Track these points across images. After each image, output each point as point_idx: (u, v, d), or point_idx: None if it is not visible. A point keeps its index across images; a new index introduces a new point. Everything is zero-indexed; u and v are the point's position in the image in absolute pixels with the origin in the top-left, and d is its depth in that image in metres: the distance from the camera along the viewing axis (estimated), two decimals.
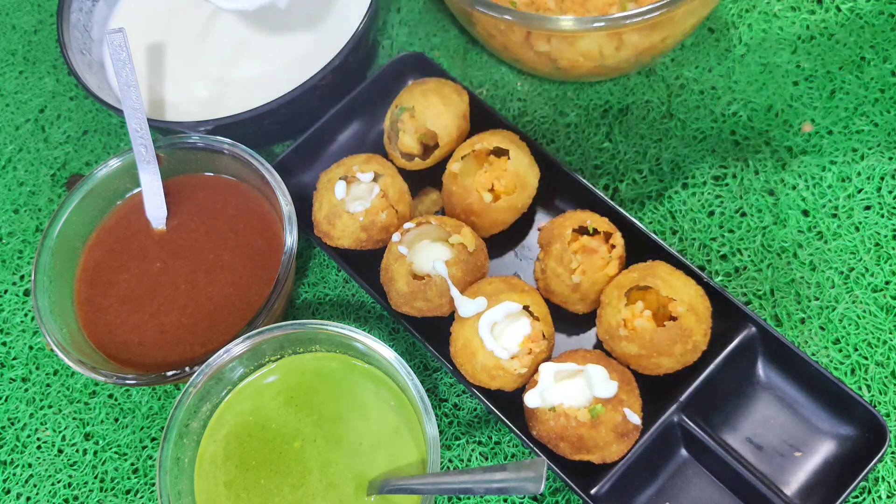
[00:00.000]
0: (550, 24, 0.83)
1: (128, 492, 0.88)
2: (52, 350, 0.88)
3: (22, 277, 1.01)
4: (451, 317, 0.82)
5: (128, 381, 0.81)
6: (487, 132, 0.90)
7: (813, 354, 0.85)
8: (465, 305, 0.79)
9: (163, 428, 0.87)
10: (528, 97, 1.03)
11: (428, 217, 0.85)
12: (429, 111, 0.90)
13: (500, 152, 0.88)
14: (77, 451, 0.90)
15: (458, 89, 0.94)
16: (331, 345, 0.81)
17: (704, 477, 0.80)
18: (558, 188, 0.92)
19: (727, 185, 0.94)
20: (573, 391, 0.76)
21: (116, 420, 0.91)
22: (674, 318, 0.77)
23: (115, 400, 0.92)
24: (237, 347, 0.79)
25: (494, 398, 0.81)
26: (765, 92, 0.99)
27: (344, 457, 0.77)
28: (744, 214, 0.93)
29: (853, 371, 0.84)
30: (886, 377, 0.84)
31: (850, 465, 0.77)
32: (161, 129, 0.95)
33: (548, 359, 0.80)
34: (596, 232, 0.83)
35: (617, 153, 0.98)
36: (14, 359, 0.96)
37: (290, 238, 0.85)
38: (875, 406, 0.82)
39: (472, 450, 0.86)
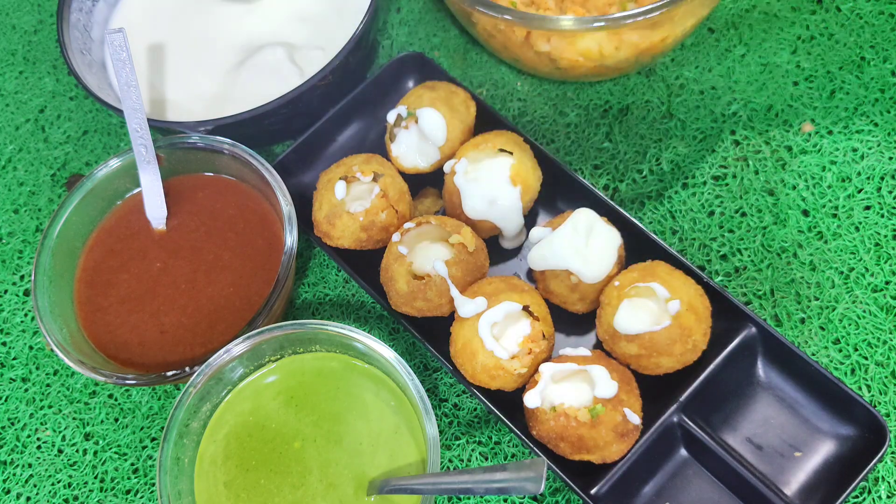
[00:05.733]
0: (550, 24, 0.83)
1: (128, 492, 0.88)
2: (52, 350, 0.88)
3: (22, 277, 1.01)
4: (451, 317, 0.82)
5: (128, 381, 0.81)
6: (492, 133, 0.90)
7: (813, 354, 0.85)
8: (465, 305, 0.79)
9: (163, 428, 0.87)
10: (528, 97, 1.03)
11: (428, 217, 0.85)
12: (434, 122, 0.90)
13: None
14: (77, 451, 0.90)
15: (467, 99, 0.93)
16: (331, 345, 0.81)
17: (704, 477, 0.80)
18: (559, 188, 0.92)
19: (727, 185, 0.94)
20: (573, 391, 0.76)
21: (116, 420, 0.91)
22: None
23: (115, 400, 0.92)
24: (237, 347, 0.79)
25: (494, 398, 0.81)
26: (765, 92, 0.99)
27: (344, 457, 0.77)
28: (744, 214, 0.93)
29: (853, 371, 0.84)
30: (886, 377, 0.84)
31: (850, 465, 0.77)
32: (161, 129, 0.95)
33: (548, 359, 0.80)
34: None
35: (617, 153, 0.98)
36: (14, 359, 0.96)
37: (290, 238, 0.85)
38: (875, 406, 0.82)
39: (472, 450, 0.86)
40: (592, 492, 0.77)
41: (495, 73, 1.05)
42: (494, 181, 0.85)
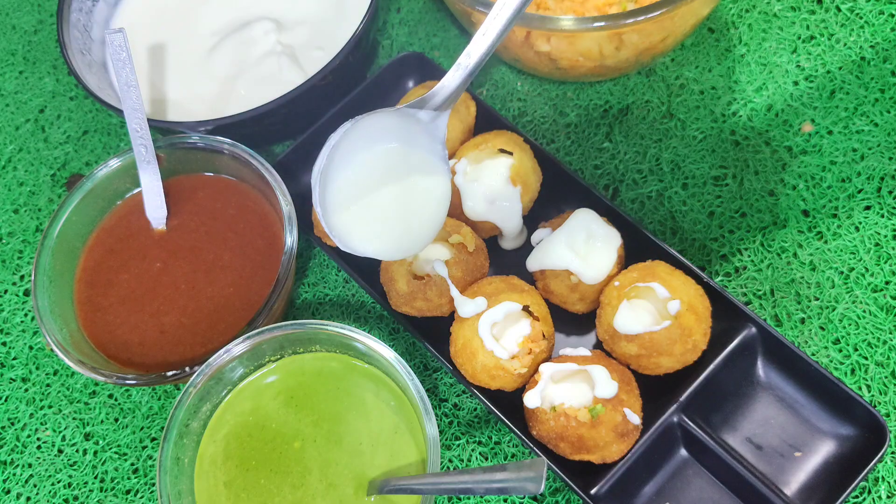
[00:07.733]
0: (550, 24, 0.83)
1: (128, 492, 0.88)
2: (52, 350, 0.88)
3: (22, 277, 1.01)
4: (451, 317, 0.82)
5: (128, 381, 0.81)
6: (492, 133, 0.90)
7: (813, 354, 0.85)
8: (465, 305, 0.79)
9: (163, 428, 0.87)
10: (528, 97, 1.03)
11: None
12: None
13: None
14: (77, 451, 0.90)
15: (467, 99, 0.93)
16: (331, 345, 0.81)
17: (704, 477, 0.80)
18: (559, 188, 0.92)
19: (727, 185, 0.94)
20: (573, 391, 0.76)
21: (116, 420, 0.91)
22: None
23: (115, 400, 0.92)
24: (237, 347, 0.79)
25: (494, 398, 0.81)
26: (765, 92, 0.99)
27: (344, 457, 0.77)
28: (744, 214, 0.93)
29: (853, 371, 0.84)
30: (886, 377, 0.84)
31: (850, 465, 0.77)
32: (161, 129, 0.95)
33: (548, 359, 0.80)
34: None
35: (617, 153, 0.98)
36: (14, 359, 0.96)
37: (290, 238, 0.85)
38: (875, 406, 0.82)
39: (472, 450, 0.86)
40: (592, 492, 0.77)
41: (495, 73, 1.05)
42: (494, 181, 0.85)
